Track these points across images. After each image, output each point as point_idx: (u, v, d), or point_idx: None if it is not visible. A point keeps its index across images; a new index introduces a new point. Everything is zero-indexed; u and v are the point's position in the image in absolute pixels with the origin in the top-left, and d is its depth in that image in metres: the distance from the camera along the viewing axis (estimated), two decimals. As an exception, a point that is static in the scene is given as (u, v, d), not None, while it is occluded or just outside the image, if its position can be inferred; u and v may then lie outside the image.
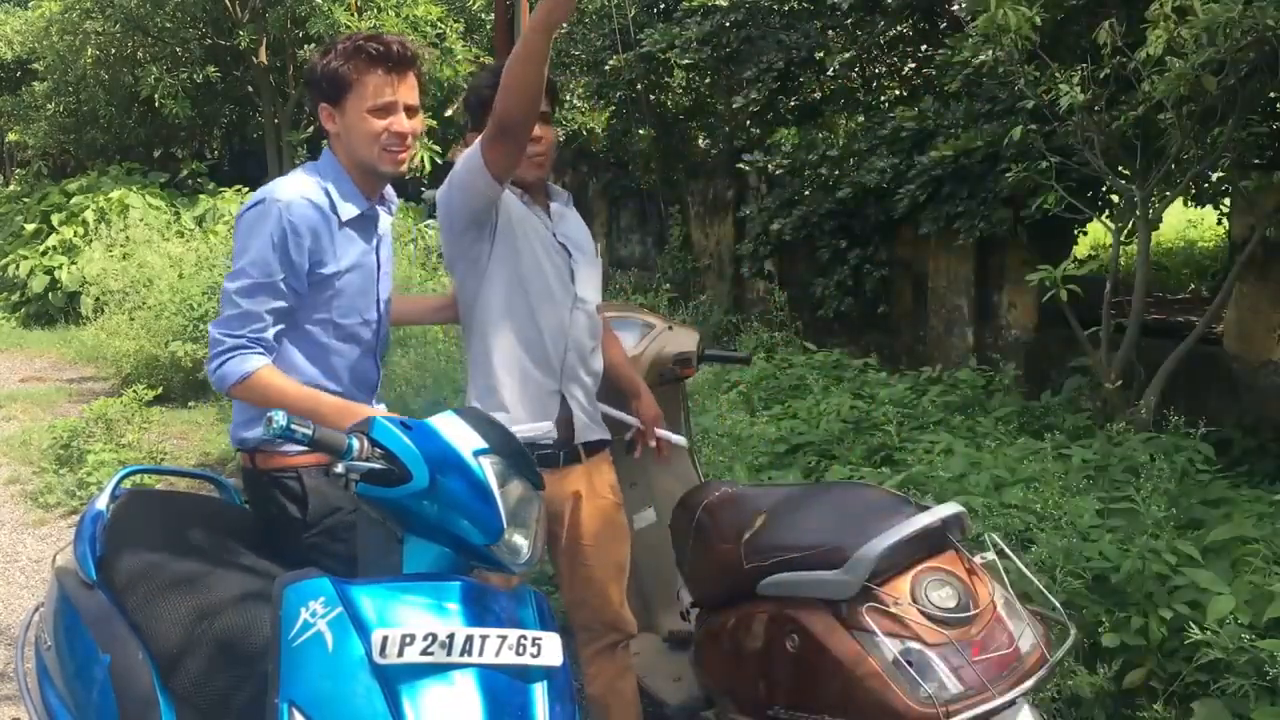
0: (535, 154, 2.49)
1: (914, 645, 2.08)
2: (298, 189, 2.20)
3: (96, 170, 13.09)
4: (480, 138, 2.33)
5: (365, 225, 2.32)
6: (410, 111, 2.26)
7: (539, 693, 1.71)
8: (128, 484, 2.49)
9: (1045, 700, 2.75)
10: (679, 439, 2.81)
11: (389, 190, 2.42)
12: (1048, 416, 4.71)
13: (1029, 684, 2.08)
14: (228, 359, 2.12)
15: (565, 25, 10.90)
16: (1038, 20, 4.13)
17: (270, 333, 2.16)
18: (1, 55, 14.24)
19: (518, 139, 2.29)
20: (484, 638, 1.65)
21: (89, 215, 11.35)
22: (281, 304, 2.16)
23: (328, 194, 2.23)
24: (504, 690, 1.66)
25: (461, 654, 1.62)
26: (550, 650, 1.72)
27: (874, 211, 6.60)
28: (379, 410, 2.28)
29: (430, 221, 8.76)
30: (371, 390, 2.42)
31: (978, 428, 4.40)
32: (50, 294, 11.08)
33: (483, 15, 12.60)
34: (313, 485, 2.19)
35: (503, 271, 2.45)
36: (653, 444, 2.80)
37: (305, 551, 2.20)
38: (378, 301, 2.37)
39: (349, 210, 2.26)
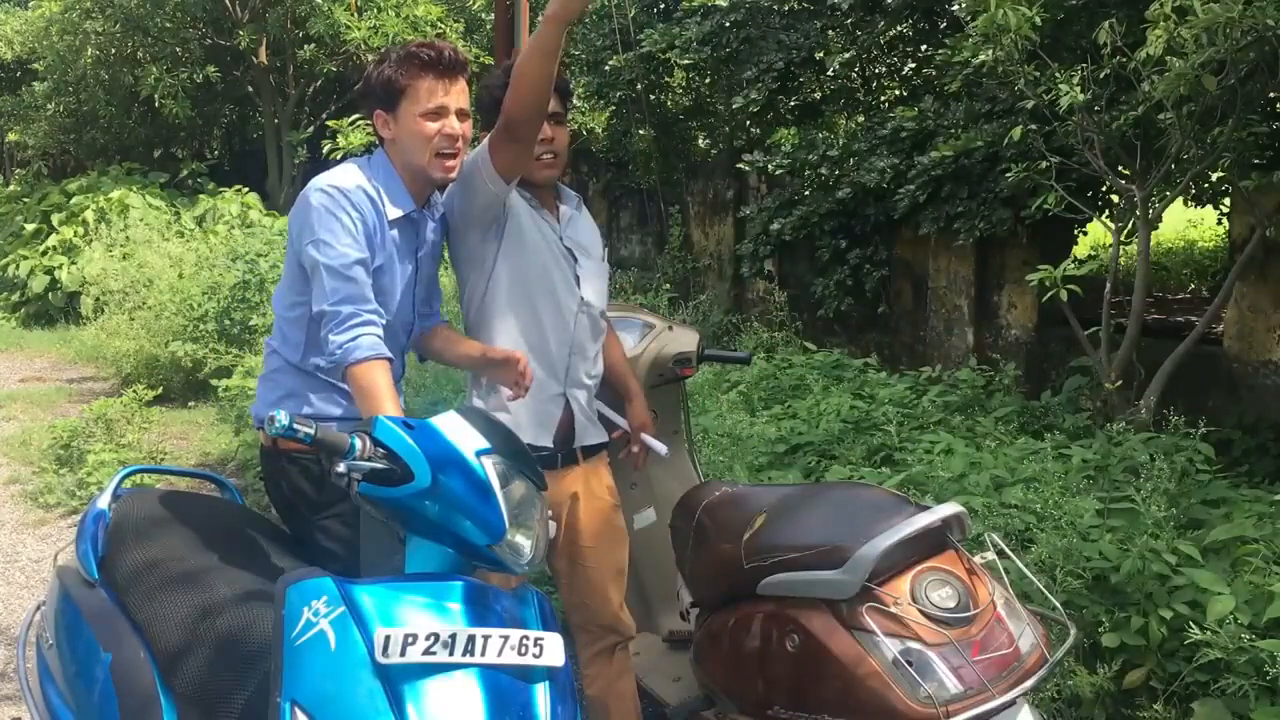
0: (545, 154, 2.49)
1: (914, 645, 2.08)
2: (353, 179, 2.25)
3: (96, 170, 13.10)
4: (489, 136, 2.33)
5: (409, 229, 2.34)
6: (461, 115, 2.29)
7: (541, 693, 1.71)
8: (129, 483, 2.50)
9: (1045, 700, 2.75)
10: (661, 447, 2.81)
11: (437, 197, 2.44)
12: (1048, 416, 4.71)
13: (1029, 684, 2.08)
14: (361, 333, 2.12)
15: (565, 25, 10.88)
16: (1038, 20, 4.13)
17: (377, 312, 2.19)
18: (1, 55, 14.24)
19: (526, 137, 2.30)
20: (486, 638, 1.65)
21: (89, 215, 11.35)
22: (370, 283, 2.20)
23: (377, 191, 2.27)
24: (506, 690, 1.66)
25: (464, 654, 1.62)
26: (552, 650, 1.72)
27: (874, 211, 6.60)
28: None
29: None
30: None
31: (978, 428, 4.40)
32: (50, 294, 11.08)
33: (483, 15, 12.59)
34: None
35: (508, 273, 2.46)
36: (635, 450, 2.80)
37: (313, 533, 2.22)
38: (413, 304, 2.41)
39: (395, 211, 2.29)
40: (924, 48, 7.75)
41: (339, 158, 9.03)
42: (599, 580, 2.58)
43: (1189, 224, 9.89)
